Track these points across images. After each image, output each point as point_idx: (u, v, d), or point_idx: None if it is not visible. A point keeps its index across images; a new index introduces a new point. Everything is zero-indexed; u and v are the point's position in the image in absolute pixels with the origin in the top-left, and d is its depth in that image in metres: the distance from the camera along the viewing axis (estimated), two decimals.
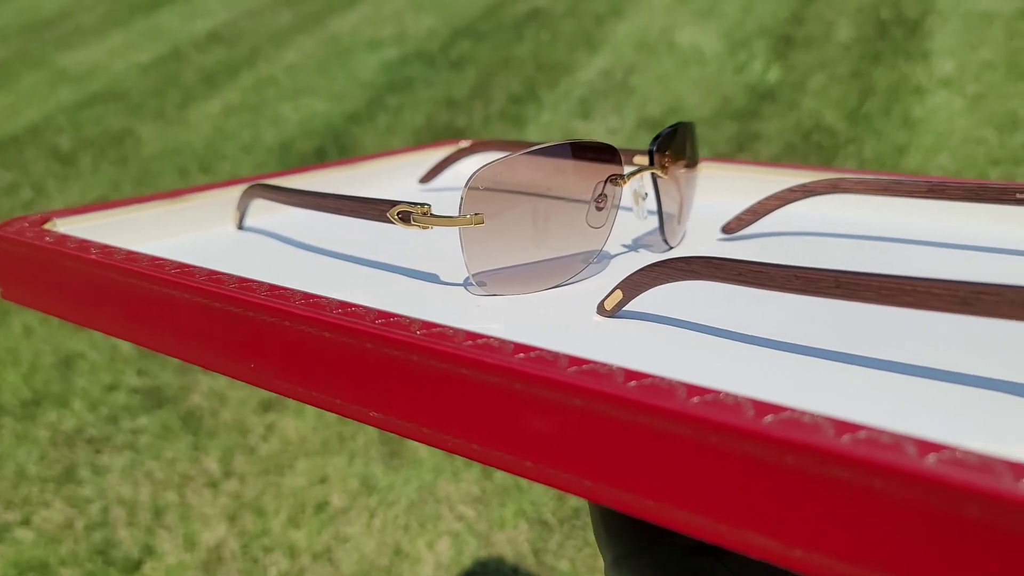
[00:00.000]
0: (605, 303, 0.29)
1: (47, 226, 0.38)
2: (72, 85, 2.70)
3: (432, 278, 0.34)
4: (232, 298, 0.27)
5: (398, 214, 0.33)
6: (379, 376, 0.23)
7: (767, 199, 0.39)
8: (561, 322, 0.29)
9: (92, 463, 1.16)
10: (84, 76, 2.78)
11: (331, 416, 1.22)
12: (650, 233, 0.39)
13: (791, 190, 0.39)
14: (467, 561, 1.00)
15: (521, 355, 0.20)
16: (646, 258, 0.36)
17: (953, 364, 0.24)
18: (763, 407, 0.17)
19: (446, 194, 0.49)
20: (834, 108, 1.95)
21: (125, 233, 0.40)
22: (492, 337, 0.22)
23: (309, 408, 1.24)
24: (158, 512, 1.08)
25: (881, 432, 0.16)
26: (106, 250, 0.33)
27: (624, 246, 0.38)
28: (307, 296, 0.26)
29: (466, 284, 0.33)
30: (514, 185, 0.33)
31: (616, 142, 1.92)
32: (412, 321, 0.23)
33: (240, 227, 0.43)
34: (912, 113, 1.89)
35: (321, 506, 1.08)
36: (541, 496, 1.06)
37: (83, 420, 1.25)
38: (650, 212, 0.38)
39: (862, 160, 1.72)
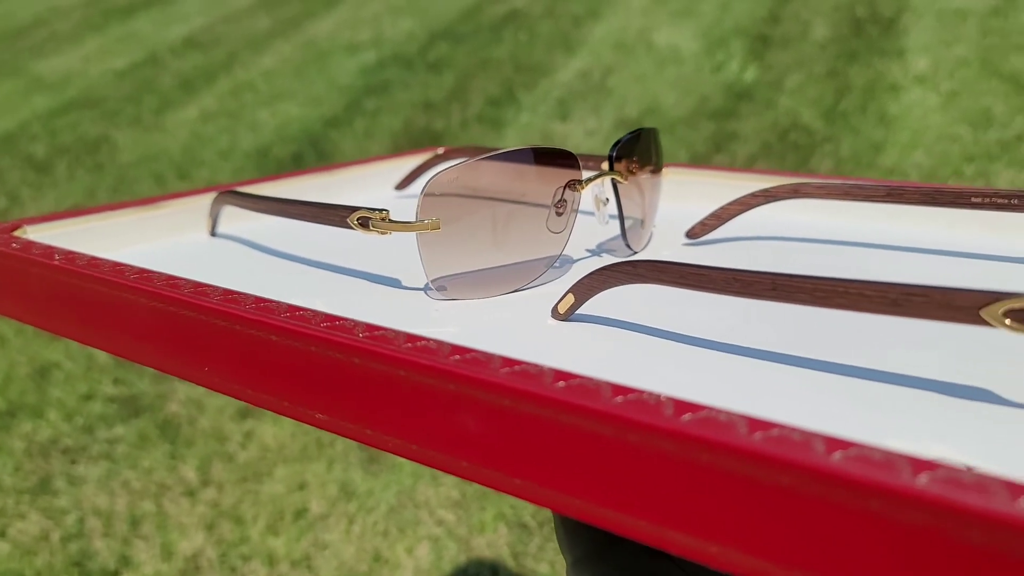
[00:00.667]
0: (558, 307, 0.29)
1: (17, 233, 0.38)
2: (47, 92, 2.68)
3: (394, 283, 0.34)
4: (187, 302, 0.27)
5: (357, 220, 0.33)
6: (324, 378, 0.23)
7: (730, 204, 0.39)
8: (515, 326, 0.29)
9: (68, 474, 1.15)
10: (59, 83, 2.75)
11: None
12: (614, 238, 0.39)
13: (753, 195, 0.39)
14: (447, 566, 0.99)
15: (456, 357, 0.21)
16: (607, 262, 0.36)
17: (888, 364, 0.24)
18: (682, 406, 0.17)
19: None
20: (811, 107, 1.96)
21: (97, 240, 0.40)
22: (431, 340, 0.22)
23: None
24: (135, 522, 1.07)
25: (792, 430, 0.16)
26: (69, 256, 0.33)
27: (588, 251, 0.38)
28: (258, 300, 0.26)
29: (426, 289, 0.34)
30: (472, 191, 0.33)
31: (594, 143, 1.92)
32: (356, 324, 0.23)
33: (213, 234, 0.43)
34: (888, 111, 1.90)
35: (300, 513, 1.07)
36: (521, 500, 1.06)
37: (59, 430, 1.23)
38: (613, 217, 0.38)
39: (839, 158, 1.73)
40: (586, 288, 0.28)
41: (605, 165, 0.38)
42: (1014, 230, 0.37)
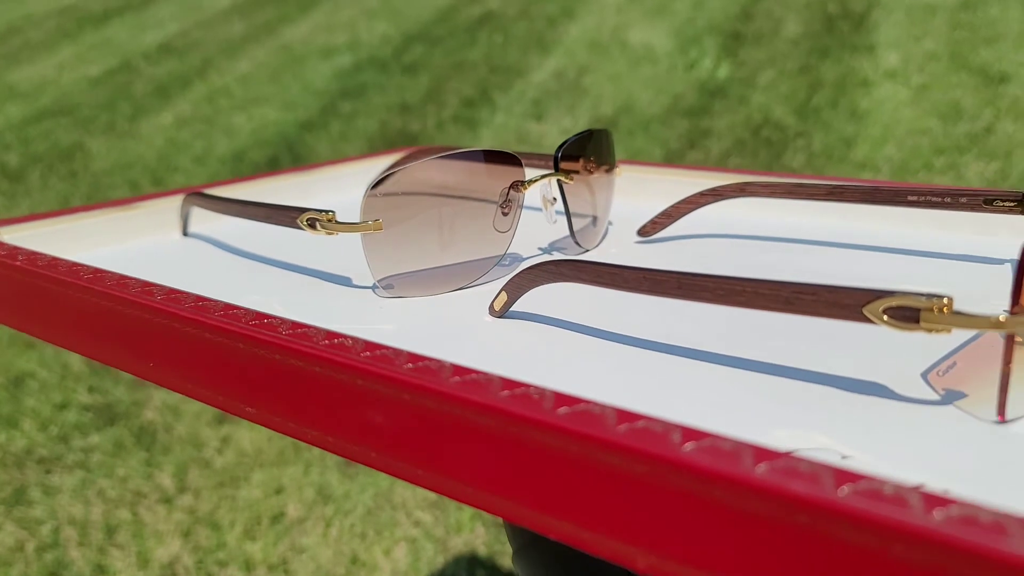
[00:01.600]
0: (494, 304, 0.30)
1: None
2: (21, 101, 2.66)
3: (346, 281, 0.35)
4: (133, 302, 0.28)
5: (306, 221, 0.34)
6: (253, 373, 0.24)
7: (680, 203, 0.40)
8: (453, 322, 0.30)
9: (43, 483, 1.15)
10: (33, 92, 2.74)
11: None
12: (567, 236, 0.40)
13: (702, 194, 0.40)
14: (424, 566, 1.00)
15: (367, 353, 0.22)
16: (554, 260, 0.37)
17: (790, 358, 0.25)
18: (562, 399, 0.18)
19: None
20: (783, 103, 1.98)
21: (71, 241, 0.41)
22: (348, 337, 0.23)
23: None
24: (110, 531, 1.06)
25: (656, 422, 0.17)
26: (31, 256, 0.34)
27: (540, 249, 0.39)
28: (198, 299, 0.27)
29: (374, 288, 0.34)
30: (417, 192, 0.34)
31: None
32: (282, 322, 0.24)
33: (185, 234, 0.44)
34: (859, 105, 1.92)
35: (277, 517, 1.07)
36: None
37: (33, 440, 1.23)
38: (561, 213, 0.39)
39: (811, 153, 1.75)
40: (516, 286, 0.29)
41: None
42: (946, 227, 0.37)
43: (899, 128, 1.80)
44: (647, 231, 0.40)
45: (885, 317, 0.20)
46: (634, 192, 0.46)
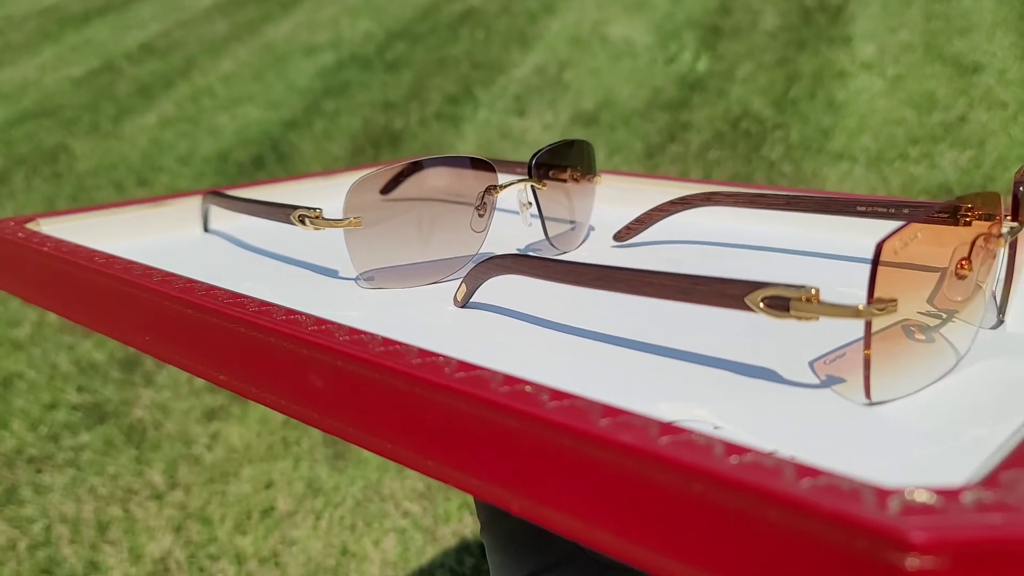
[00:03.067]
0: (456, 295, 0.33)
1: (30, 225, 0.44)
2: (3, 103, 2.65)
3: (333, 273, 0.39)
4: (132, 282, 0.32)
5: (298, 217, 0.37)
6: (226, 344, 0.28)
7: (652, 210, 0.43)
8: (419, 311, 0.33)
9: (33, 482, 1.16)
10: (15, 93, 2.73)
11: (275, 422, 1.23)
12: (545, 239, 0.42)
13: (672, 202, 0.43)
14: (413, 556, 1.02)
15: (313, 327, 0.25)
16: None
17: (698, 345, 0.28)
18: (511, 379, 0.21)
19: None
20: (761, 95, 2.00)
21: (102, 233, 0.46)
22: (301, 313, 0.26)
23: (253, 415, 1.25)
24: (102, 528, 1.08)
25: (582, 400, 0.19)
26: (57, 244, 0.39)
27: (517, 249, 0.42)
28: (188, 281, 0.31)
29: (357, 280, 0.37)
30: (397, 192, 0.37)
31: (551, 137, 1.95)
32: (250, 301, 0.28)
33: (206, 230, 0.48)
34: (836, 97, 1.95)
35: (267, 511, 1.09)
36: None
37: (23, 440, 1.24)
38: (536, 217, 0.41)
39: (789, 145, 1.77)
40: (473, 278, 0.32)
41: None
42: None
43: (875, 118, 1.82)
44: (621, 236, 0.43)
45: (762, 305, 0.23)
46: (617, 200, 0.49)
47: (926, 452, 0.21)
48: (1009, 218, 0.28)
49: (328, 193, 0.54)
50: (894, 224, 0.39)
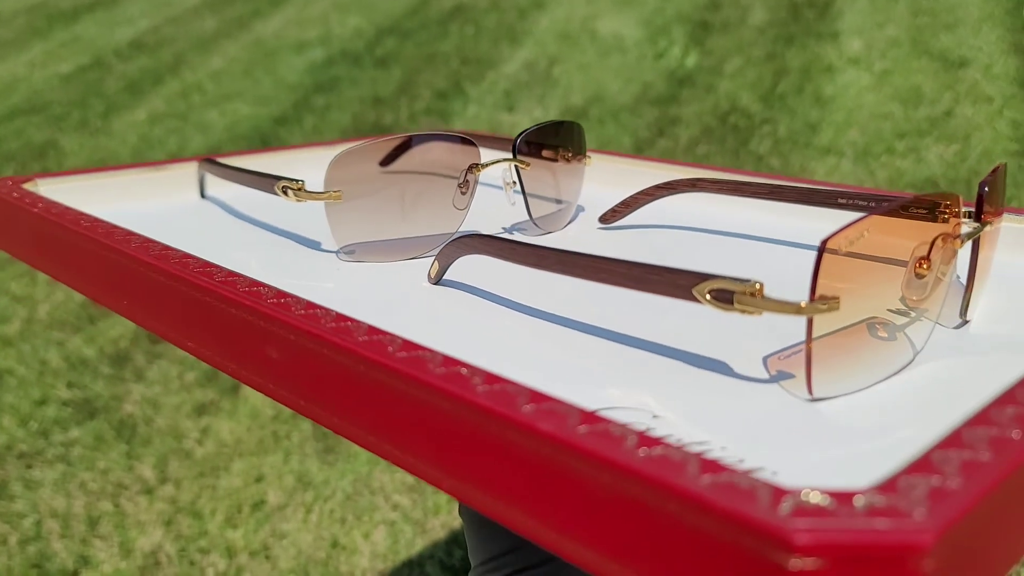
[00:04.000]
0: (430, 271, 0.34)
1: (28, 186, 0.44)
2: None
3: (316, 245, 0.40)
4: (111, 247, 0.34)
5: (282, 188, 0.38)
6: (194, 314, 0.29)
7: (637, 194, 0.43)
8: (393, 286, 0.34)
9: (24, 478, 1.16)
10: (4, 90, 2.72)
11: (265, 416, 1.24)
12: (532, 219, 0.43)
13: (657, 186, 0.43)
14: (403, 549, 1.02)
15: (272, 300, 0.26)
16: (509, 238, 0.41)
17: (663, 336, 0.28)
18: (450, 361, 0.22)
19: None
20: (750, 90, 2.01)
21: (100, 196, 0.46)
22: (265, 285, 0.27)
23: (243, 409, 1.25)
24: (92, 522, 1.08)
25: (512, 384, 0.20)
26: (47, 205, 0.40)
27: (502, 228, 0.42)
28: (164, 248, 0.32)
29: (338, 252, 0.38)
30: (379, 168, 0.37)
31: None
32: (218, 271, 0.29)
33: (203, 196, 0.49)
34: (823, 92, 1.96)
35: (258, 505, 1.09)
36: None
37: (13, 436, 1.24)
38: (518, 193, 0.41)
39: (777, 139, 1.78)
40: (444, 256, 0.33)
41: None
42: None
43: (862, 113, 1.83)
44: (607, 219, 0.43)
45: (708, 297, 0.23)
46: (609, 181, 0.49)
47: (849, 451, 0.21)
48: (971, 218, 0.28)
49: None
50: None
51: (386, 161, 0.37)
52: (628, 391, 0.24)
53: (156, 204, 0.47)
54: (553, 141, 0.42)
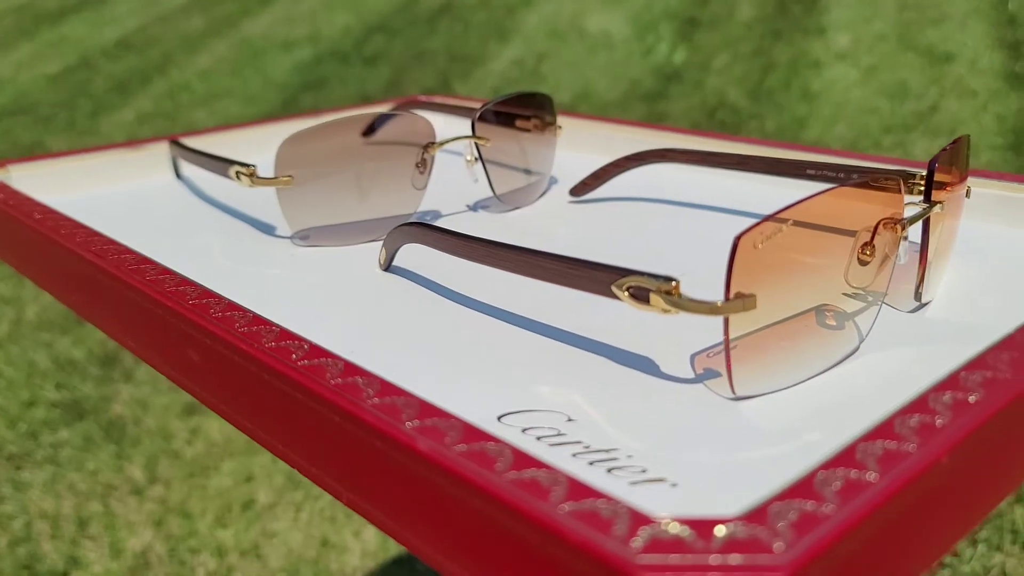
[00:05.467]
0: (379, 258, 0.33)
1: None
2: None
3: (270, 230, 0.39)
4: (57, 242, 0.34)
5: (235, 173, 0.37)
6: (131, 313, 0.30)
7: (607, 165, 0.42)
8: (340, 273, 0.33)
9: (13, 479, 1.16)
10: None
11: None
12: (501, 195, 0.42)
13: (627, 158, 0.42)
14: (393, 547, 1.02)
15: (192, 301, 0.27)
16: (475, 218, 0.40)
17: (593, 332, 0.28)
18: (350, 369, 0.22)
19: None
20: (737, 85, 2.02)
21: (72, 180, 0.46)
22: (194, 285, 0.28)
23: None
24: (82, 523, 1.08)
25: (405, 397, 0.21)
26: (7, 196, 0.40)
27: (467, 206, 0.41)
28: (107, 242, 0.33)
29: (292, 238, 0.37)
30: (335, 148, 0.36)
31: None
32: (152, 268, 0.30)
33: (178, 176, 0.48)
34: (811, 87, 1.96)
35: (248, 504, 1.09)
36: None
37: (2, 438, 1.24)
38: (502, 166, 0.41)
39: (765, 134, 1.79)
40: (389, 243, 0.32)
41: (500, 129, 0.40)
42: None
43: (849, 108, 1.84)
44: (578, 191, 0.42)
45: (626, 294, 0.22)
46: (586, 146, 0.48)
47: (754, 456, 0.20)
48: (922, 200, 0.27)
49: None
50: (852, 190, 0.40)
51: (339, 142, 0.36)
52: (556, 389, 0.24)
53: (131, 185, 0.47)
54: (518, 113, 0.41)
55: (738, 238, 0.21)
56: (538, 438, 0.21)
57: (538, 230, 0.38)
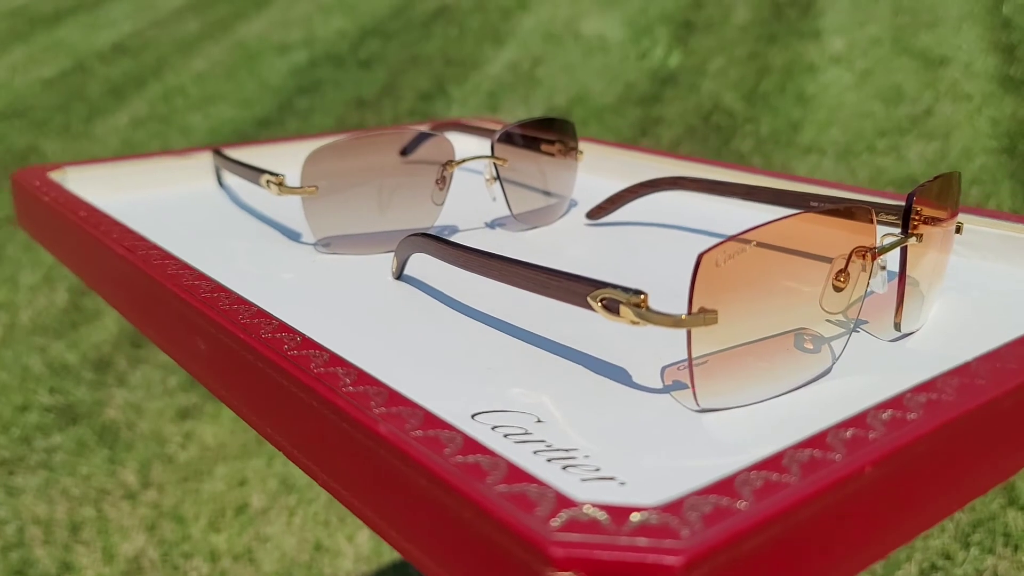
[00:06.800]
0: (392, 266, 0.35)
1: (54, 174, 0.47)
2: None
3: (296, 237, 0.41)
4: (96, 238, 0.36)
5: (267, 181, 0.39)
6: (153, 304, 0.32)
7: (622, 191, 0.44)
8: (356, 279, 0.35)
9: (5, 484, 1.15)
10: None
11: None
12: (520, 213, 0.43)
13: (642, 184, 0.44)
14: (387, 551, 1.02)
15: (206, 295, 0.29)
16: (490, 234, 0.41)
17: (574, 341, 0.29)
18: (334, 360, 0.24)
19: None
20: (732, 89, 2.02)
21: (121, 184, 0.49)
22: (208, 279, 0.30)
23: (226, 413, 1.25)
24: (75, 528, 1.08)
25: (378, 387, 0.22)
26: (56, 195, 0.43)
27: (485, 223, 0.43)
28: (137, 240, 0.35)
29: (315, 245, 0.39)
30: (360, 162, 0.38)
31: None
32: (173, 263, 0.32)
33: (220, 184, 0.51)
34: (805, 90, 1.97)
35: (241, 508, 1.09)
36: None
37: None
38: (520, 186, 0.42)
39: (759, 139, 1.79)
40: (400, 252, 0.34)
41: (516, 150, 0.41)
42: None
43: (844, 111, 1.84)
44: (594, 215, 0.44)
45: (600, 306, 0.23)
46: (606, 171, 0.50)
47: (702, 463, 0.21)
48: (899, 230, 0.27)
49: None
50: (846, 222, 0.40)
51: (362, 156, 0.38)
52: (531, 392, 0.25)
53: (178, 190, 0.50)
54: (539, 137, 0.42)
55: (701, 255, 0.22)
56: (505, 435, 0.22)
57: (548, 248, 0.40)
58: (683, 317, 0.22)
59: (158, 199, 0.48)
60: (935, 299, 0.31)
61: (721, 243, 0.22)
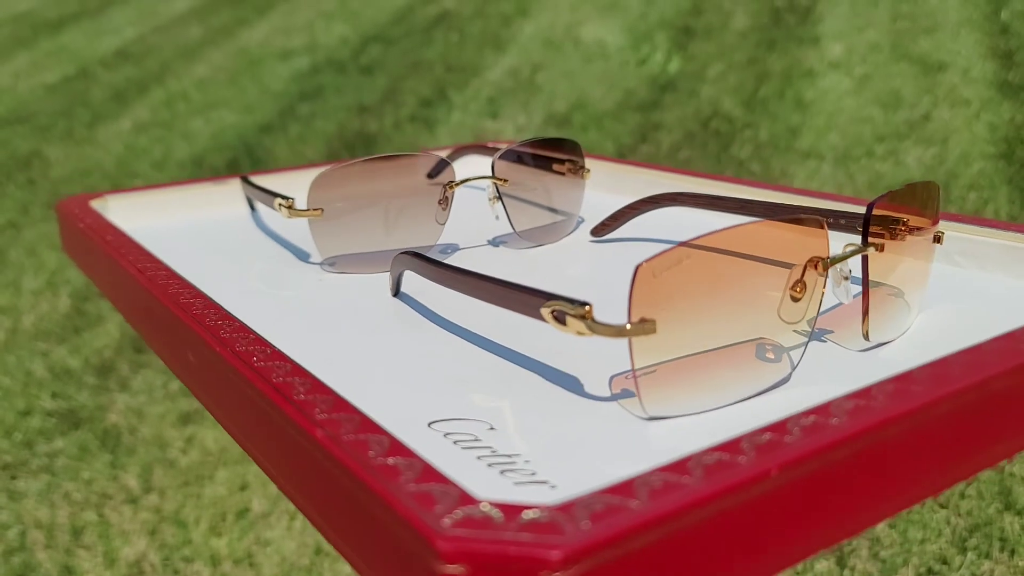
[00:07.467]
0: (390, 284, 0.36)
1: (95, 202, 0.49)
2: None
3: (305, 257, 0.43)
4: (119, 264, 0.38)
5: (278, 204, 0.41)
6: (157, 323, 0.34)
7: (624, 208, 0.45)
8: (356, 296, 0.36)
9: (8, 489, 1.16)
10: None
11: None
12: (525, 231, 0.44)
13: (644, 200, 0.45)
14: None
15: (196, 310, 0.30)
16: (492, 252, 0.43)
17: (537, 352, 0.30)
18: (296, 371, 0.25)
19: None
20: (731, 95, 2.03)
21: (158, 211, 0.51)
22: (202, 297, 0.31)
23: None
24: (77, 532, 1.08)
25: (326, 395, 0.23)
26: (91, 222, 0.45)
27: (488, 241, 0.44)
28: (158, 268, 0.37)
29: (322, 264, 0.41)
30: (358, 186, 0.40)
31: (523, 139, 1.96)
32: (177, 283, 0.34)
33: (252, 209, 0.53)
34: (804, 96, 1.97)
35: (242, 513, 1.10)
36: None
37: None
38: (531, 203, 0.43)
39: (758, 144, 1.80)
40: (393, 270, 0.35)
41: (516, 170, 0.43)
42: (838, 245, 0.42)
43: (842, 117, 1.85)
44: (598, 232, 0.45)
45: (550, 316, 0.24)
46: (611, 187, 0.51)
47: (637, 468, 0.21)
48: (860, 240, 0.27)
49: None
50: (839, 235, 0.41)
51: (365, 179, 0.39)
52: (489, 401, 0.26)
53: (210, 215, 0.52)
54: (543, 155, 0.43)
55: (638, 266, 0.22)
56: (455, 442, 0.23)
57: (547, 265, 0.41)
58: (624, 327, 0.23)
59: (193, 223, 0.50)
60: (915, 309, 0.30)
61: (660, 253, 0.23)
